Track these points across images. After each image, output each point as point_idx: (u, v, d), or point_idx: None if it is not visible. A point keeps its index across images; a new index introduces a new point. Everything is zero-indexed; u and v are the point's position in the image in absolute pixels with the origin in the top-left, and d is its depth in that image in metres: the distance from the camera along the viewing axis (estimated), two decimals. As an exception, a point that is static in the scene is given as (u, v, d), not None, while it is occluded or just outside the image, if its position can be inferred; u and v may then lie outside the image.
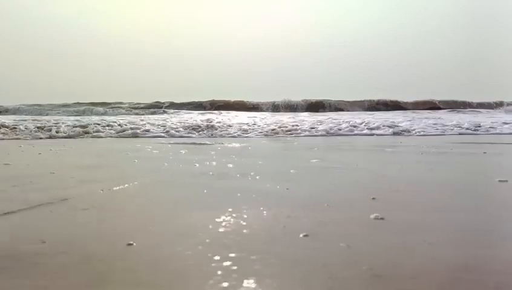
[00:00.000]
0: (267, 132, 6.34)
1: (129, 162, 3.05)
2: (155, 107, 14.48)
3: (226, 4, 31.94)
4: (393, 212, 1.31)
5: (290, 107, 15.12)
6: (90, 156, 3.62)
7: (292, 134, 6.14)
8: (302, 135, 6.14)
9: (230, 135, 6.02)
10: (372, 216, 1.21)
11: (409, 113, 12.15)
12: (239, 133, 6.23)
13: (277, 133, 6.24)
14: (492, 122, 7.64)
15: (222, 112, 12.97)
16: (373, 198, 1.53)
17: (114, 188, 1.79)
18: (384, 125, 7.01)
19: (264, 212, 1.33)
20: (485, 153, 3.55)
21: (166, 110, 13.84)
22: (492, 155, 3.43)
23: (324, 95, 15.65)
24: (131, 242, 0.99)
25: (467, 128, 6.84)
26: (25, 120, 8.09)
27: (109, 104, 14.89)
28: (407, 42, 26.12)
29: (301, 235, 1.06)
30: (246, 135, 6.08)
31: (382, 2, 28.94)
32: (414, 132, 6.48)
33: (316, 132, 6.31)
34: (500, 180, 1.95)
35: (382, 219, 1.19)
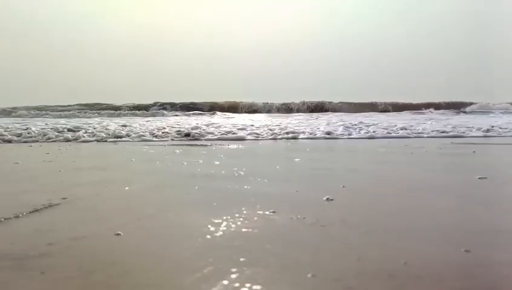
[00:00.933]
0: (263, 134, 6.50)
1: (126, 162, 3.27)
2: (150, 108, 14.67)
3: (225, 4, 32.32)
4: (343, 195, 1.64)
5: (290, 109, 15.35)
6: (91, 157, 3.83)
7: (291, 137, 6.28)
8: (300, 137, 6.27)
9: (220, 138, 6.18)
10: (324, 198, 1.55)
11: (413, 115, 12.35)
12: (231, 136, 6.38)
13: (276, 135, 6.38)
14: (507, 123, 7.72)
15: (217, 112, 13.20)
16: (343, 186, 1.75)
17: (115, 187, 2.01)
18: (382, 127, 7.19)
19: (245, 196, 1.62)
20: (474, 152, 3.76)
21: (163, 112, 14.02)
22: (481, 155, 3.64)
23: (325, 96, 15.90)
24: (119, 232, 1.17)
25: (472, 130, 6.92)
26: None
27: (101, 104, 15.11)
28: (409, 43, 26.44)
29: (267, 213, 1.28)
30: (237, 138, 6.25)
31: (385, 4, 29.36)
32: (413, 133, 6.65)
33: (319, 135, 6.41)
34: (479, 177, 2.12)
35: (332, 199, 1.54)
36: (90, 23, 27.66)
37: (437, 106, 15.50)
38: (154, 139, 5.95)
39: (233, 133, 6.37)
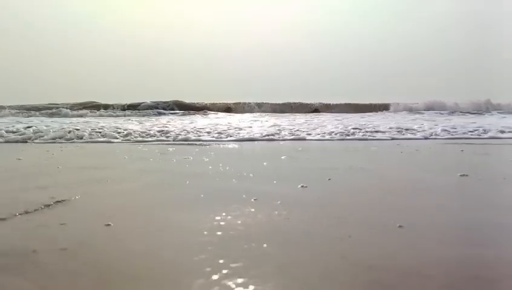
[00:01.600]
0: (260, 134, 6.61)
1: (121, 160, 3.44)
2: (138, 107, 14.63)
3: (225, 4, 32.45)
4: (317, 184, 1.91)
5: (287, 110, 15.49)
6: (91, 157, 3.96)
7: (290, 138, 6.35)
8: (306, 138, 6.27)
9: (215, 139, 6.28)
10: (299, 186, 1.84)
11: (412, 115, 12.48)
12: (223, 137, 6.46)
13: (273, 135, 6.47)
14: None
15: (213, 112, 13.32)
16: (329, 179, 1.92)
17: (111, 186, 2.13)
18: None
19: (232, 186, 1.83)
20: (462, 151, 3.90)
21: (162, 111, 14.03)
22: (469, 154, 3.77)
23: (325, 96, 16.05)
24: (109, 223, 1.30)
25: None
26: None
27: (92, 103, 15.10)
28: (409, 43, 26.71)
29: (252, 200, 1.45)
30: (233, 139, 6.36)
31: (385, 4, 29.65)
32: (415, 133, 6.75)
33: (315, 135, 6.46)
34: (461, 175, 2.24)
35: (306, 187, 1.84)
36: (90, 23, 27.73)
37: (432, 107, 15.57)
38: (148, 139, 6.08)
39: (228, 134, 6.48)
